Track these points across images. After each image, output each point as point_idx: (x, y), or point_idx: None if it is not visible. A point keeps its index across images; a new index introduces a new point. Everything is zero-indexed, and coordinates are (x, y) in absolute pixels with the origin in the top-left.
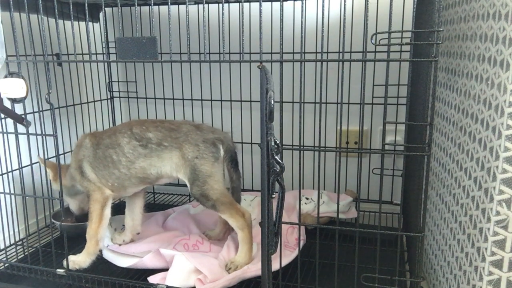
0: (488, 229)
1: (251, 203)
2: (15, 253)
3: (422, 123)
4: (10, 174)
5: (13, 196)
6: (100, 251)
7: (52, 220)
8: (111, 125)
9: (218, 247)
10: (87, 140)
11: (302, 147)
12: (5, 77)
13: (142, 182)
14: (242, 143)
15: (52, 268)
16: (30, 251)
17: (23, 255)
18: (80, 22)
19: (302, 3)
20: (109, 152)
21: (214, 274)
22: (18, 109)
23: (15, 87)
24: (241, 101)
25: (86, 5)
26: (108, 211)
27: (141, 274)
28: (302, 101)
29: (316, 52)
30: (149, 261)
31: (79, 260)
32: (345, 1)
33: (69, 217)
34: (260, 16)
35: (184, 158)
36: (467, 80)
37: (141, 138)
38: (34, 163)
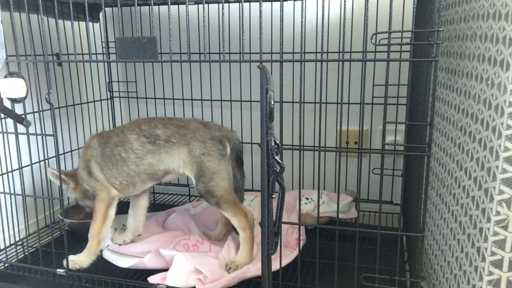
0: (488, 229)
1: (251, 203)
2: (15, 253)
3: (422, 123)
4: (10, 174)
5: (13, 196)
6: (101, 251)
7: (60, 217)
8: (111, 125)
9: (218, 247)
10: (95, 141)
11: (302, 147)
12: (5, 77)
13: (151, 179)
14: (242, 143)
15: (52, 268)
16: (30, 251)
17: (23, 255)
18: (80, 22)
19: (302, 3)
20: (118, 150)
21: (214, 274)
22: (18, 109)
23: (15, 87)
24: (241, 101)
25: (86, 5)
26: (112, 212)
27: (141, 274)
28: (302, 101)
29: (316, 52)
30: (149, 262)
31: (79, 260)
32: (345, 1)
33: (76, 214)
34: (260, 16)
35: (191, 154)
36: (467, 80)
37: (150, 134)
38: (34, 163)
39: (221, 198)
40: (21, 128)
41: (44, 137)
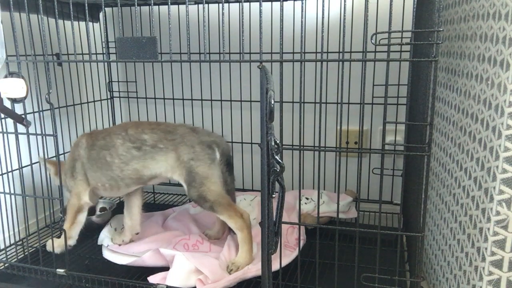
0: (488, 229)
1: (251, 203)
2: (15, 253)
3: (422, 123)
4: (10, 174)
5: (13, 196)
6: (101, 248)
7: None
8: (111, 125)
9: (218, 247)
10: (84, 141)
11: (302, 147)
12: (5, 77)
13: (135, 183)
14: (242, 143)
15: (52, 268)
16: (30, 251)
17: (23, 255)
18: (80, 22)
19: (302, 3)
20: (103, 154)
21: (215, 275)
22: (18, 109)
23: (15, 87)
24: (241, 101)
25: (86, 5)
26: (82, 217)
27: (141, 274)
28: (302, 101)
29: (316, 52)
30: (148, 259)
31: (54, 244)
32: (345, 1)
33: None
34: (260, 16)
35: (179, 160)
36: (467, 80)
37: (136, 140)
38: (34, 163)
39: (214, 202)
40: (21, 128)
41: (44, 137)
